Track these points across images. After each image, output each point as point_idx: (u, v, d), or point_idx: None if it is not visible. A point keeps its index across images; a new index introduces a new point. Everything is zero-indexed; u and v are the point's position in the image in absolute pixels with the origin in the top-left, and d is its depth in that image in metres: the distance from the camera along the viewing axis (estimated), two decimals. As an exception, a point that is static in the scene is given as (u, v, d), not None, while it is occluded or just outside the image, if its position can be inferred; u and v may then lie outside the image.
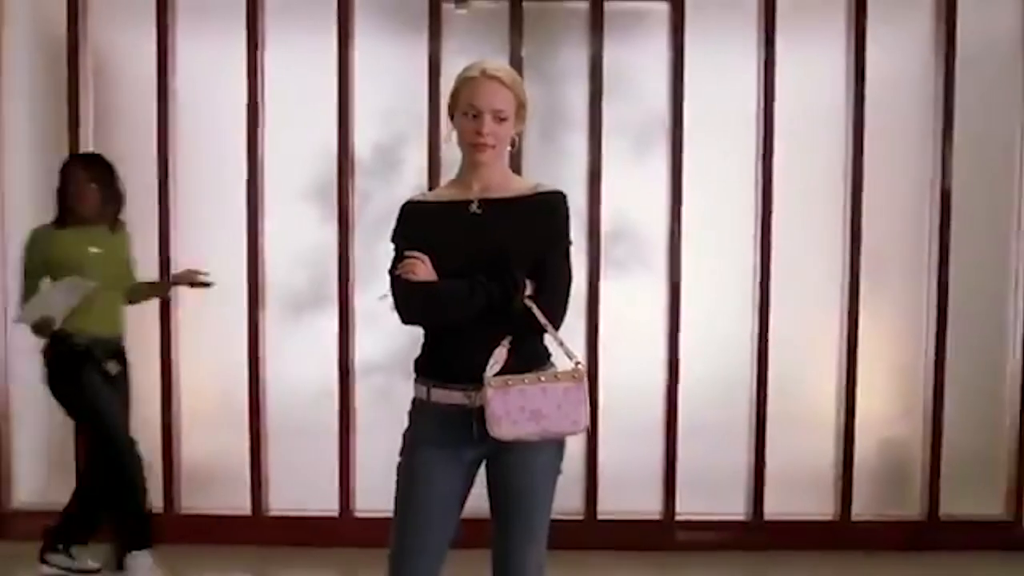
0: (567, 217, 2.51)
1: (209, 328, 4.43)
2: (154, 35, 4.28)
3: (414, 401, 2.53)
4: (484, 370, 2.38)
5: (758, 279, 4.33)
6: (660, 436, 4.32)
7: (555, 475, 2.52)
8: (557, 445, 2.50)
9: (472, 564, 2.76)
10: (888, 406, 4.43)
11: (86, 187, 3.79)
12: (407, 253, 2.47)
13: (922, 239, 4.38)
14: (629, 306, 4.41)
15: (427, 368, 2.50)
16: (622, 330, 4.38)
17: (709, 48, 4.30)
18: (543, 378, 2.42)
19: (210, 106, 4.34)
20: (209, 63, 4.33)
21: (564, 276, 2.49)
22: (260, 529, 4.30)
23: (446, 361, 2.46)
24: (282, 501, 4.38)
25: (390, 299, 3.85)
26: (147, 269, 4.29)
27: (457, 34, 4.23)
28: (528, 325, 2.42)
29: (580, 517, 4.31)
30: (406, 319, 2.50)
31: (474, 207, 2.50)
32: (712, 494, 4.34)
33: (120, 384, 3.86)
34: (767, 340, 4.32)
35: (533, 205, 2.50)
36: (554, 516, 2.56)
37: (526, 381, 2.40)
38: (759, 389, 4.31)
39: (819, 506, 4.37)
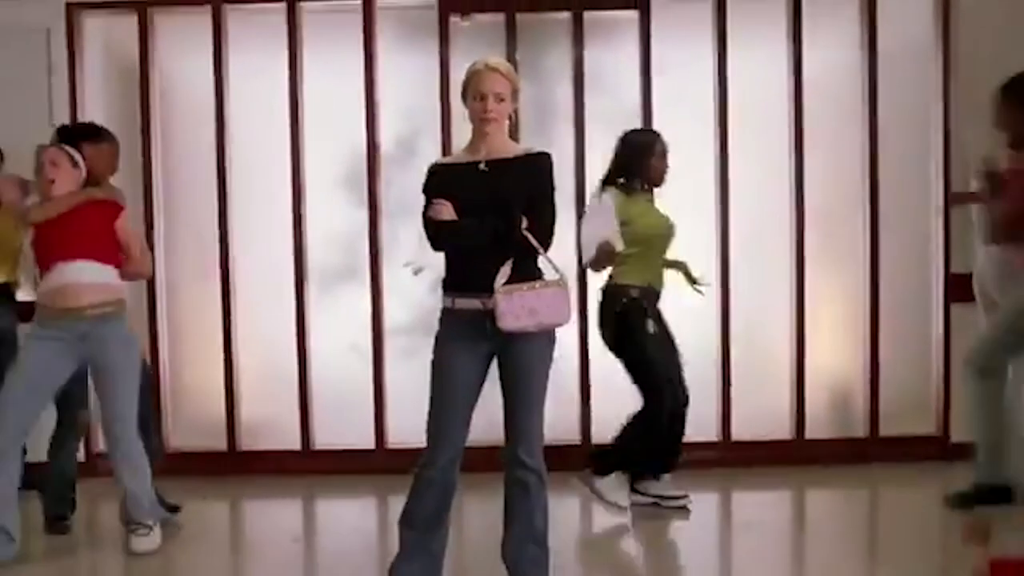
0: (551, 171, 3.35)
1: (261, 299, 5.25)
2: (210, 55, 5.14)
3: (442, 310, 3.37)
4: (494, 282, 3.22)
5: (719, 244, 5.16)
6: (642, 373, 5.15)
7: (549, 361, 3.33)
8: (548, 337, 3.32)
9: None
10: (834, 344, 5.25)
11: (662, 161, 4.36)
12: (434, 200, 3.31)
13: (857, 206, 5.20)
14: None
15: (452, 283, 3.33)
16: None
17: (672, 49, 5.15)
18: (537, 286, 3.24)
19: (258, 111, 5.20)
20: (256, 75, 5.19)
21: (550, 214, 3.32)
22: (308, 461, 5.12)
23: (466, 278, 3.29)
24: (326, 438, 5.22)
25: (413, 266, 4.76)
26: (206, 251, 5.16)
27: (462, 42, 5.06)
28: (525, 249, 3.25)
29: (578, 443, 5.12)
30: (436, 247, 3.34)
31: (482, 166, 3.34)
32: (688, 421, 5.15)
33: (663, 333, 4.38)
34: (729, 291, 5.15)
35: (526, 162, 3.34)
36: (556, 443, 3.39)
37: (524, 288, 3.22)
38: (724, 333, 5.14)
39: (778, 429, 5.18)
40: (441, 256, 3.43)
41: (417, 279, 5.21)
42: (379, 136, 5.18)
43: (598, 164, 5.13)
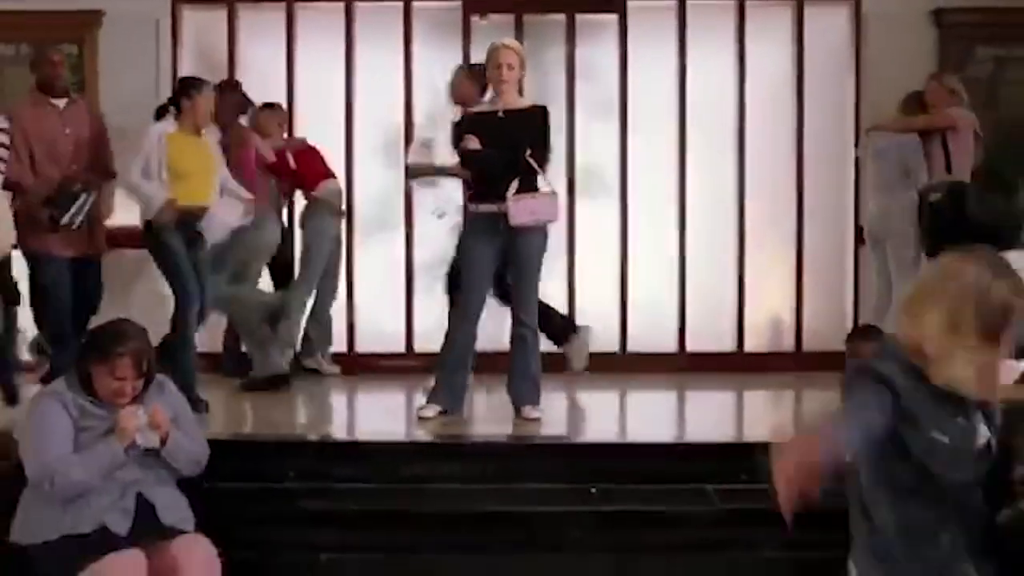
0: (547, 118, 4.79)
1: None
2: (284, 48, 6.55)
3: (466, 215, 4.77)
4: (506, 192, 4.62)
5: (677, 201, 6.55)
6: (616, 299, 6.55)
7: (543, 250, 4.73)
8: (543, 233, 4.72)
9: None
10: (769, 279, 6.65)
11: None
12: (466, 136, 4.71)
13: (788, 175, 6.56)
14: (595, 220, 6.65)
15: (475, 195, 4.77)
16: (591, 236, 6.62)
17: (644, 48, 6.57)
18: (536, 195, 4.67)
19: (320, 92, 6.58)
20: (320, 64, 6.60)
21: (546, 147, 4.75)
22: (353, 363, 6.45)
23: (486, 190, 4.70)
24: (367, 345, 6.61)
25: (437, 212, 6.17)
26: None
27: (480, 37, 6.37)
28: (528, 170, 4.67)
29: (566, 352, 6.50)
30: (466, 168, 4.75)
31: (500, 113, 4.77)
32: (651, 336, 6.56)
33: None
34: (685, 240, 6.54)
35: (531, 112, 4.79)
36: (550, 352, 4.88)
37: (527, 196, 4.64)
38: (681, 270, 6.54)
39: (724, 343, 6.56)
40: (457, 205, 4.85)
41: (440, 224, 6.65)
42: (413, 112, 6.59)
43: (586, 140, 6.62)
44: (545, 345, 5.05)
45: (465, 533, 3.76)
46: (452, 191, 5.80)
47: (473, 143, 4.70)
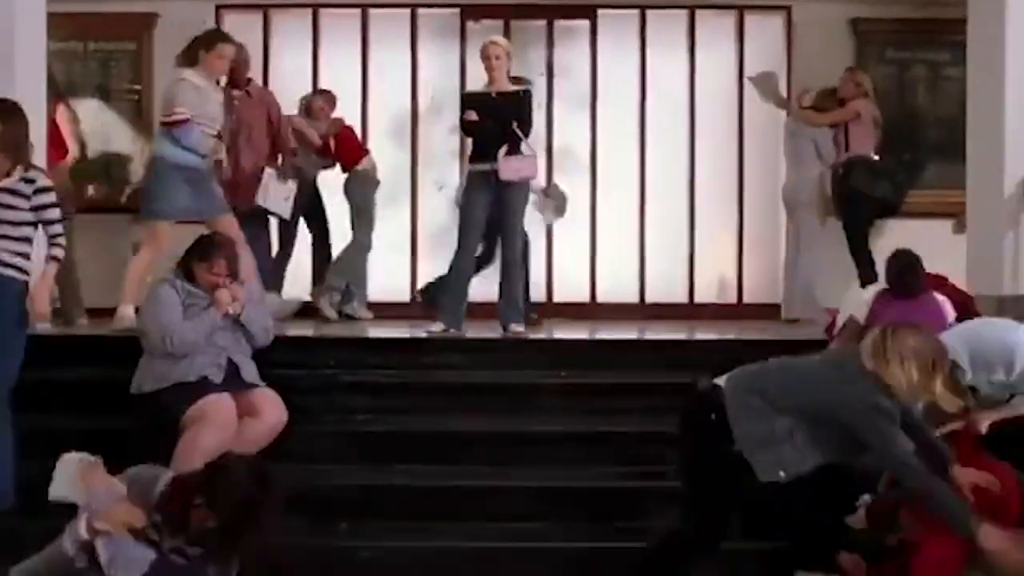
0: (530, 97, 6.07)
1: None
2: (310, 47, 7.83)
3: (468, 173, 6.03)
4: (496, 154, 5.87)
5: (638, 177, 7.85)
6: (587, 257, 7.82)
7: (526, 202, 5.99)
8: (527, 187, 5.98)
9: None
10: (715, 246, 7.91)
11: None
12: (466, 111, 5.97)
13: (732, 163, 7.88)
14: (570, 194, 7.86)
15: (474, 157, 6.02)
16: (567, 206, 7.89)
17: (611, 49, 7.88)
18: (520, 157, 5.92)
19: (340, 84, 7.79)
20: (340, 60, 7.87)
21: (529, 120, 6.01)
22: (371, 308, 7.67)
23: (482, 152, 5.95)
24: (378, 295, 7.80)
25: (438, 184, 7.44)
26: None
27: (474, 39, 7.60)
28: (515, 138, 5.92)
29: (544, 301, 7.71)
30: (467, 134, 6.03)
31: (493, 94, 6.03)
32: (618, 289, 7.81)
33: None
34: (645, 209, 7.83)
35: (517, 93, 6.05)
36: (536, 302, 6.11)
37: (513, 158, 5.89)
38: (641, 234, 7.83)
39: (678, 295, 7.82)
40: (454, 181, 6.11)
41: (440, 195, 7.90)
42: (418, 102, 7.86)
43: (564, 128, 7.88)
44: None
45: (464, 399, 4.98)
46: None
47: (471, 116, 5.97)
